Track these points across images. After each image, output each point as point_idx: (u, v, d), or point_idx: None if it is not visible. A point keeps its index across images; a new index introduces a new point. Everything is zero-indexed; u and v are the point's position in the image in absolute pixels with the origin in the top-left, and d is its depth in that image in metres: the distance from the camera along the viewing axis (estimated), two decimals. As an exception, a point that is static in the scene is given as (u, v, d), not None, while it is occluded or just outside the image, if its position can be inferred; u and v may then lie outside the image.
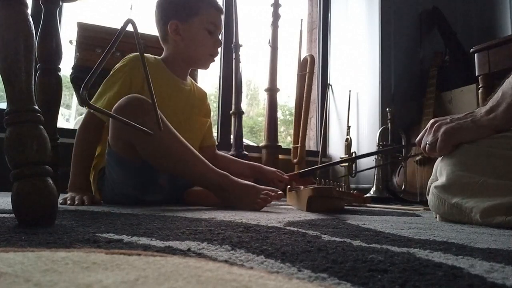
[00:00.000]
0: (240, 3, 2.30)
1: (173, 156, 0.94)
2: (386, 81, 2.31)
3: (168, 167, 0.98)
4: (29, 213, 0.49)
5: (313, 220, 0.73)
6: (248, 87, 5.92)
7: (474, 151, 0.80)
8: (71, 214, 0.70)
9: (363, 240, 0.47)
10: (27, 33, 0.53)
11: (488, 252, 0.40)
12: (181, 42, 1.18)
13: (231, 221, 0.64)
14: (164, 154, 0.94)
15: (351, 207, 1.37)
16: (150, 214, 0.72)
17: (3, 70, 0.51)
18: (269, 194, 0.98)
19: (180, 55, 1.21)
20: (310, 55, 2.48)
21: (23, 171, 0.49)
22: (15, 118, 0.51)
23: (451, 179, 0.81)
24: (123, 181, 1.01)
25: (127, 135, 0.94)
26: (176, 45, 1.19)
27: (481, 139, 0.81)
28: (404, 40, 2.40)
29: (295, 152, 2.35)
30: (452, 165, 0.82)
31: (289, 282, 0.24)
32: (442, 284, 0.26)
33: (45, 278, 0.23)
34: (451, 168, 0.82)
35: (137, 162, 0.96)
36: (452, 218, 0.82)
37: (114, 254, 0.30)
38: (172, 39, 1.18)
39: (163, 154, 0.94)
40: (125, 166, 0.99)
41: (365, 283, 0.26)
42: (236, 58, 2.21)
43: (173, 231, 0.48)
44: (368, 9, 2.45)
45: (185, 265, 0.27)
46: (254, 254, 0.34)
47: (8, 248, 0.32)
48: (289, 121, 4.50)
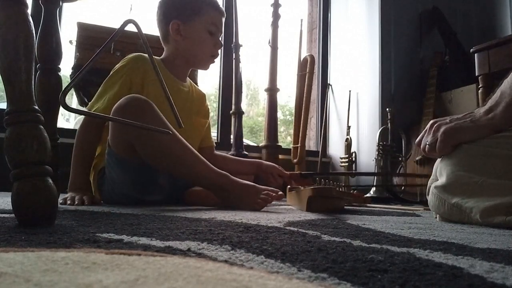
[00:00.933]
0: (240, 3, 2.30)
1: (173, 156, 0.94)
2: (386, 81, 2.31)
3: (168, 167, 0.98)
4: (29, 213, 0.49)
5: (313, 220, 0.73)
6: (248, 87, 5.93)
7: (473, 151, 0.80)
8: (71, 214, 0.70)
9: (363, 240, 0.47)
10: (27, 33, 0.53)
11: (488, 252, 0.40)
12: (182, 42, 1.18)
13: (231, 221, 0.64)
14: (164, 154, 0.94)
15: (351, 207, 1.37)
16: (150, 214, 0.72)
17: (3, 70, 0.51)
18: (269, 194, 0.99)
19: (181, 55, 1.20)
20: (310, 55, 2.48)
21: (23, 171, 0.49)
22: (15, 118, 0.50)
23: (451, 179, 0.81)
24: (123, 181, 1.01)
25: (126, 136, 0.94)
26: (177, 45, 1.19)
27: (480, 139, 0.81)
28: (404, 40, 2.40)
29: (295, 152, 2.35)
30: (452, 165, 0.82)
31: (289, 282, 0.24)
32: (442, 284, 0.26)
33: (45, 278, 0.23)
34: (451, 168, 0.82)
35: (137, 162, 0.96)
36: (452, 218, 0.82)
37: (114, 254, 0.30)
38: (173, 39, 1.18)
39: (163, 154, 0.94)
40: (125, 166, 0.99)
41: (365, 283, 0.26)
42: (236, 58, 2.21)
43: (173, 231, 0.48)
44: (368, 9, 2.45)
45: (185, 265, 0.27)
46: (254, 254, 0.34)
47: (8, 248, 0.32)
48: (289, 121, 4.51)
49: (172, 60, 1.21)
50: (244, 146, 2.16)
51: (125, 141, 0.95)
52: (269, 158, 2.20)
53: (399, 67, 2.35)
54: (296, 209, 1.09)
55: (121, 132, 0.94)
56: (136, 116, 0.84)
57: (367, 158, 2.28)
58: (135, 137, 0.92)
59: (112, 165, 1.01)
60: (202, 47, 1.19)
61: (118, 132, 0.95)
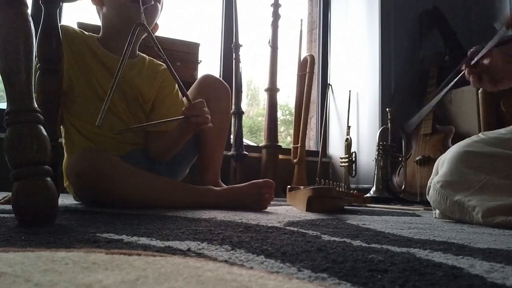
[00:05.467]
0: (240, 3, 2.30)
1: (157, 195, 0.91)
2: (386, 81, 2.31)
3: (152, 204, 0.92)
4: (29, 213, 0.49)
5: (313, 220, 0.73)
6: (248, 87, 5.93)
7: (480, 151, 0.82)
8: (71, 214, 0.70)
9: (363, 240, 0.47)
10: (27, 33, 0.53)
11: (488, 252, 0.40)
12: (106, 11, 1.02)
13: (231, 221, 0.64)
14: (147, 196, 0.91)
15: (351, 207, 1.37)
16: (150, 214, 0.72)
17: (3, 70, 0.51)
18: (267, 192, 0.99)
19: (110, 26, 1.03)
20: (310, 55, 2.48)
21: (23, 171, 0.49)
22: (15, 118, 0.50)
23: (456, 174, 0.82)
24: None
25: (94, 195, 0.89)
26: (105, 18, 1.04)
27: (485, 139, 0.82)
28: (404, 40, 2.40)
29: (295, 152, 2.35)
30: (457, 162, 0.83)
31: (289, 282, 0.24)
32: (442, 284, 0.26)
33: (45, 278, 0.23)
34: (456, 164, 0.82)
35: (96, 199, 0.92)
36: (452, 215, 0.82)
37: (114, 254, 0.30)
38: (100, 13, 1.04)
39: (146, 195, 0.90)
40: (83, 199, 0.98)
41: (365, 283, 0.26)
42: (236, 58, 2.21)
43: (173, 231, 0.48)
44: (368, 9, 2.45)
45: (185, 265, 0.27)
46: (254, 254, 0.34)
47: (8, 248, 0.32)
48: (289, 121, 4.51)
49: (107, 36, 1.04)
50: (244, 146, 2.16)
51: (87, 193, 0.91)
52: (269, 158, 2.20)
53: (399, 67, 2.35)
54: (296, 209, 1.09)
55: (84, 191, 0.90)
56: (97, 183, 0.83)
57: (367, 158, 2.28)
58: (107, 195, 0.87)
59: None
60: (122, 2, 0.98)
61: (80, 192, 0.93)
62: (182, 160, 1.15)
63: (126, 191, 0.86)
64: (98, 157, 0.86)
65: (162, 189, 0.93)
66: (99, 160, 0.85)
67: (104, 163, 0.85)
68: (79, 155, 0.86)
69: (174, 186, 0.96)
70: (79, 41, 1.00)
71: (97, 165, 0.84)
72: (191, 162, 1.20)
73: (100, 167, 0.84)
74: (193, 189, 0.98)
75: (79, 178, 0.84)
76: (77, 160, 0.85)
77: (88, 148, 0.92)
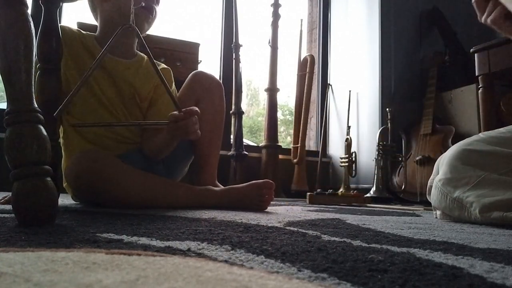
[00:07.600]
0: (240, 3, 2.30)
1: (153, 197, 0.91)
2: (386, 81, 2.31)
3: (152, 204, 0.92)
4: (29, 213, 0.49)
5: (313, 220, 0.73)
6: (248, 87, 5.93)
7: (479, 149, 0.83)
8: (71, 214, 0.70)
9: (363, 240, 0.47)
10: (27, 33, 0.52)
11: (488, 252, 0.40)
12: (106, 5, 1.00)
13: (231, 221, 0.64)
14: (147, 198, 0.90)
15: (351, 207, 1.37)
16: (150, 214, 0.72)
17: (3, 70, 0.51)
18: (267, 192, 0.99)
19: (109, 21, 1.01)
20: (310, 55, 2.48)
21: (23, 171, 0.49)
22: (15, 118, 0.50)
23: (455, 171, 0.83)
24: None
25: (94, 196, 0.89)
26: (104, 12, 1.02)
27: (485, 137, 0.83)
28: (404, 40, 2.40)
29: (295, 152, 2.35)
30: (457, 160, 0.84)
31: (289, 282, 0.24)
32: (442, 284, 0.26)
33: (45, 278, 0.23)
34: (456, 162, 0.84)
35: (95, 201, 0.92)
36: (452, 213, 0.84)
37: (114, 254, 0.30)
38: (99, 9, 1.02)
39: (146, 196, 0.90)
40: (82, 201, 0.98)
41: (365, 283, 0.26)
42: (236, 58, 2.21)
43: (173, 231, 0.48)
44: (368, 9, 2.45)
45: (185, 265, 0.27)
46: (254, 254, 0.34)
47: (8, 248, 0.32)
48: (289, 121, 4.51)
49: (105, 33, 1.00)
50: (244, 146, 2.16)
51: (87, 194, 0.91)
52: (269, 158, 2.20)
53: (399, 67, 2.35)
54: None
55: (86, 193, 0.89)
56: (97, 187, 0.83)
57: (367, 158, 2.28)
58: (107, 192, 0.86)
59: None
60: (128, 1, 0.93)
61: (84, 195, 0.92)
62: (180, 160, 1.14)
63: (126, 192, 0.86)
64: (98, 159, 0.85)
65: (162, 190, 0.93)
66: (99, 162, 0.85)
67: (104, 164, 0.85)
68: (78, 156, 0.85)
69: (174, 186, 0.96)
70: (76, 41, 0.99)
71: (96, 166, 0.84)
72: (189, 161, 1.19)
73: (100, 169, 0.84)
74: (193, 189, 0.98)
75: (78, 179, 0.84)
76: (77, 161, 0.85)
77: (87, 149, 0.92)
